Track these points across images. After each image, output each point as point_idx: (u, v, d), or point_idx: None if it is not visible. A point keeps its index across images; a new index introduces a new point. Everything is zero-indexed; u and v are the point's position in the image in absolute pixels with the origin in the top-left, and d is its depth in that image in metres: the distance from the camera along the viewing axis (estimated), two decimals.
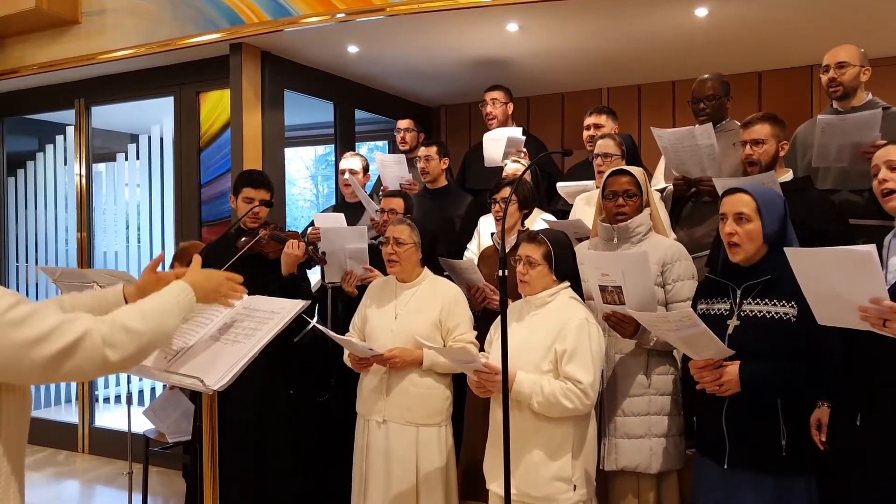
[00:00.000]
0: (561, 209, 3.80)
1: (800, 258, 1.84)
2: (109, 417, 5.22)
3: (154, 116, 4.90)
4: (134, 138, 5.11)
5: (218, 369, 1.73)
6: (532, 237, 2.54)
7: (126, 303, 1.83)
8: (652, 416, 2.55)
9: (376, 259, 3.15)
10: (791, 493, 2.16)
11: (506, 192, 3.06)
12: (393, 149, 5.48)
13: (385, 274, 2.99)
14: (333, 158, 9.28)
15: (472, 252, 3.59)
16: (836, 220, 2.71)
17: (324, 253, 3.19)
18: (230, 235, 3.07)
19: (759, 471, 2.17)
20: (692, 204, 3.27)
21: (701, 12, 3.68)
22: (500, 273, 1.95)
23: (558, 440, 2.39)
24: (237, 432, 3.01)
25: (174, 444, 3.84)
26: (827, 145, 2.71)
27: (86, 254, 5.14)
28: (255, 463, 3.02)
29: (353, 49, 4.32)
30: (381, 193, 4.04)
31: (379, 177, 4.41)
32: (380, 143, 6.85)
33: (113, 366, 1.41)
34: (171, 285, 1.65)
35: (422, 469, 2.69)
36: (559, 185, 3.70)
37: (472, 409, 3.06)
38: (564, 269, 2.52)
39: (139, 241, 5.09)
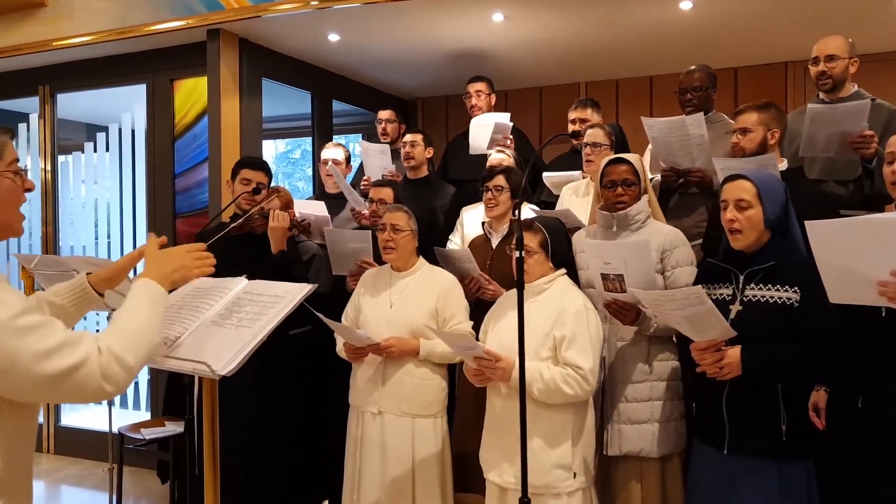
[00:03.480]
0: (544, 200, 3.79)
1: (820, 231, 1.83)
2: (76, 416, 5.03)
3: (125, 105, 4.74)
4: (103, 128, 4.94)
5: (224, 354, 1.65)
6: (528, 225, 2.52)
7: (95, 291, 1.74)
8: (654, 401, 2.56)
9: None
10: (791, 479, 2.17)
11: (499, 179, 3.04)
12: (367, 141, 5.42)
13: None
14: (296, 156, 9.16)
15: (454, 244, 3.56)
16: (826, 211, 2.75)
17: (308, 224, 3.15)
18: (227, 221, 3.02)
19: (759, 456, 2.18)
20: (679, 195, 3.27)
21: (685, 6, 3.71)
22: (517, 255, 1.92)
23: (558, 427, 2.38)
24: (228, 426, 2.93)
25: (150, 440, 3.72)
26: (815, 134, 2.74)
27: (51, 249, 4.95)
28: (247, 457, 2.94)
29: (333, 37, 4.25)
30: (363, 184, 3.99)
31: (359, 168, 4.36)
32: (352, 137, 6.78)
33: (108, 395, 1.34)
34: (138, 288, 1.50)
35: (418, 461, 2.65)
36: (545, 174, 3.69)
37: (462, 399, 3.03)
38: (560, 256, 2.51)
39: (109, 235, 4.92)
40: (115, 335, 1.36)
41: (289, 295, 1.81)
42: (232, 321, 1.80)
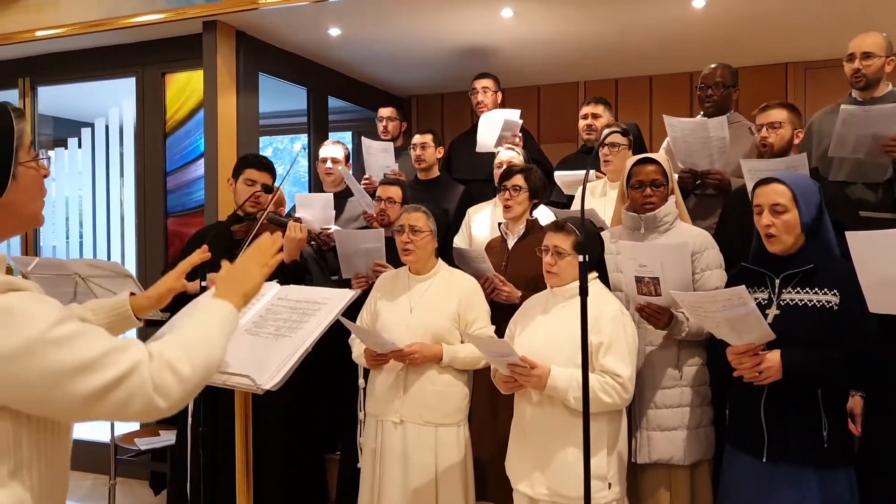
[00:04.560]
0: (553, 200, 3.72)
1: (861, 241, 1.80)
2: None
3: (112, 99, 4.54)
4: (88, 124, 4.73)
5: (267, 366, 1.53)
6: (559, 226, 2.43)
7: (135, 317, 1.60)
8: (684, 407, 2.50)
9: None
10: (833, 486, 2.12)
11: (517, 179, 2.94)
12: (357, 140, 5.29)
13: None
14: (268, 153, 8.98)
15: (459, 245, 3.45)
16: (849, 212, 2.72)
17: (327, 237, 3.03)
18: (224, 222, 2.87)
19: (800, 464, 2.12)
20: (696, 197, 3.22)
21: (698, 4, 3.66)
22: (581, 259, 1.82)
23: (593, 437, 2.28)
24: (228, 432, 2.80)
25: (144, 451, 3.56)
26: (846, 136, 2.69)
27: (31, 249, 4.72)
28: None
29: (334, 32, 4.11)
30: (363, 183, 3.86)
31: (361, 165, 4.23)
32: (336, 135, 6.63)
33: (162, 413, 1.15)
34: (208, 305, 1.33)
35: (441, 471, 2.55)
36: (557, 174, 3.62)
37: (478, 407, 2.94)
38: (593, 258, 2.42)
39: (94, 235, 4.71)
40: (170, 341, 1.20)
41: (330, 302, 1.69)
42: (268, 329, 1.68)
